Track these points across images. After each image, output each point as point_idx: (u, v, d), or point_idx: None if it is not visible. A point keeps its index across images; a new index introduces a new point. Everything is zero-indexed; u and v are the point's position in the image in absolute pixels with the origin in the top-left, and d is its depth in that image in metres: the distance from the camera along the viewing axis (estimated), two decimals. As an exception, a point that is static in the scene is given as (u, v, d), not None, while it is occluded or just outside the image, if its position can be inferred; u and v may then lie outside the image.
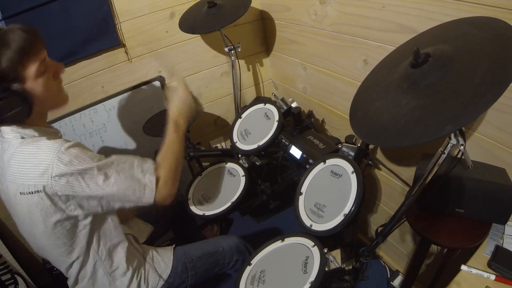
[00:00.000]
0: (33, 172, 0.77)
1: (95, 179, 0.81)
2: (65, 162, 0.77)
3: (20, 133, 0.81)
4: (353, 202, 0.91)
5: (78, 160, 0.79)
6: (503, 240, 0.84)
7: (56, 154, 0.77)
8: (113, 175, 0.84)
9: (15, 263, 1.46)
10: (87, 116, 1.52)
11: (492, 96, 0.52)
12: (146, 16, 1.51)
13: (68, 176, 0.78)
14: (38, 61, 0.78)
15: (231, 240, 1.19)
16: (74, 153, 0.79)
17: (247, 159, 1.43)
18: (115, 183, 0.84)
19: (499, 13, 0.77)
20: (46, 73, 0.81)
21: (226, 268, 1.18)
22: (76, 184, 0.79)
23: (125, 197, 0.87)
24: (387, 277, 1.54)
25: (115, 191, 0.84)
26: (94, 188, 0.81)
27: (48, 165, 0.76)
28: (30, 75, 0.78)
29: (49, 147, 0.78)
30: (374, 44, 1.15)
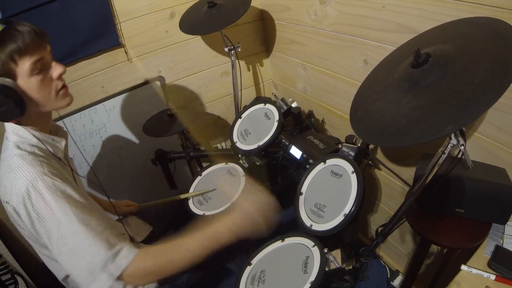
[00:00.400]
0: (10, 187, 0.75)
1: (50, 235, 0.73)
2: (32, 198, 0.72)
3: (19, 137, 0.79)
4: (353, 202, 0.91)
5: (43, 204, 0.73)
6: (503, 240, 0.84)
7: (27, 186, 0.72)
8: (69, 244, 0.73)
9: (15, 263, 1.46)
10: (87, 116, 1.51)
11: (492, 96, 0.52)
12: (146, 16, 1.51)
13: (31, 214, 0.73)
14: (32, 59, 0.74)
15: None
16: (44, 195, 0.73)
17: (247, 159, 1.43)
18: (68, 252, 0.74)
19: (499, 13, 0.78)
20: (43, 72, 0.78)
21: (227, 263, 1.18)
22: (36, 225, 0.74)
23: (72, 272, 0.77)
24: (387, 277, 1.53)
25: (62, 260, 0.75)
26: (47, 241, 0.74)
27: (19, 190, 0.73)
28: (23, 73, 0.74)
29: (26, 175, 0.74)
30: (374, 44, 1.15)
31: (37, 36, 0.75)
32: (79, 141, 1.53)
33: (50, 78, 0.80)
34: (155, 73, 1.64)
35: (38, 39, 0.76)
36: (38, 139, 0.82)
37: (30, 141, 0.80)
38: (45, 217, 0.73)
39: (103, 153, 1.60)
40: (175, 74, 1.70)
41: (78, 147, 1.35)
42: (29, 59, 0.74)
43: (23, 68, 0.74)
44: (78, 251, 0.74)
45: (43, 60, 0.77)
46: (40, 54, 0.76)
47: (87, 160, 1.27)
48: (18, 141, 0.79)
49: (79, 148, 1.36)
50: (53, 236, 0.73)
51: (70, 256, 0.74)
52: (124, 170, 1.68)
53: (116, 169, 1.66)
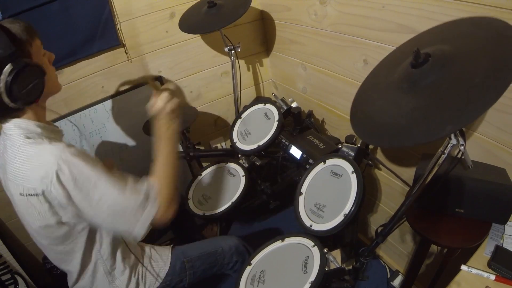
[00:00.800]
0: (33, 175, 0.76)
1: (90, 197, 0.78)
2: (64, 171, 0.75)
3: (23, 129, 0.80)
4: (353, 202, 0.91)
5: (77, 171, 0.77)
6: (503, 240, 0.84)
7: (56, 161, 0.75)
8: (108, 201, 0.80)
9: (15, 263, 1.46)
10: (87, 116, 1.52)
11: (492, 96, 0.52)
12: (146, 16, 1.51)
13: (66, 186, 0.76)
14: (39, 43, 0.82)
15: (231, 241, 1.19)
16: (75, 162, 0.77)
17: (247, 159, 1.43)
18: (107, 210, 0.80)
19: (499, 13, 0.77)
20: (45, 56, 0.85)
21: (225, 269, 1.18)
22: (73, 195, 0.77)
23: (115, 226, 0.85)
24: (387, 277, 1.54)
25: (104, 218, 0.82)
26: (88, 204, 0.79)
27: (48, 170, 0.75)
28: (36, 53, 0.80)
29: (51, 152, 0.77)
30: (374, 44, 1.15)
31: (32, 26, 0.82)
32: (79, 141, 1.53)
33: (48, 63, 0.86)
34: (155, 73, 1.64)
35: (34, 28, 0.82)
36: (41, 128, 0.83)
37: (35, 131, 0.81)
38: (82, 182, 0.77)
39: (103, 153, 1.61)
40: (175, 74, 1.70)
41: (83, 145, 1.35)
42: (38, 41, 0.81)
43: (36, 48, 0.80)
44: (120, 202, 0.80)
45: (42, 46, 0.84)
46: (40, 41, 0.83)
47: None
48: (24, 133, 0.80)
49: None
50: (94, 197, 0.78)
51: (113, 209, 0.80)
52: (124, 170, 1.67)
53: (116, 169, 1.66)
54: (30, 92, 0.76)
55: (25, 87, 0.75)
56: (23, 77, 0.74)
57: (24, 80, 0.74)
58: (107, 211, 0.80)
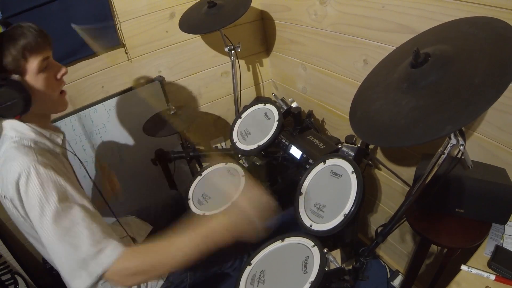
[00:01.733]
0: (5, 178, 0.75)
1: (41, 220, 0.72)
2: (23, 185, 0.72)
3: (18, 132, 0.80)
4: (353, 202, 0.91)
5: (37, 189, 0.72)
6: (503, 240, 0.84)
7: (22, 170, 0.72)
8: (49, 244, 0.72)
9: (15, 263, 1.46)
10: (87, 116, 1.52)
11: (492, 96, 0.52)
12: (146, 16, 1.51)
13: (21, 197, 0.74)
14: (40, 57, 0.79)
15: None
16: (34, 182, 0.72)
17: (247, 159, 1.43)
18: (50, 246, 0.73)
19: (499, 13, 0.77)
20: (47, 70, 0.82)
21: (224, 268, 1.18)
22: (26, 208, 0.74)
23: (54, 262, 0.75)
24: (387, 277, 1.53)
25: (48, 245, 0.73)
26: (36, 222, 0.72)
27: (13, 177, 0.73)
28: (31, 69, 0.78)
29: (21, 161, 0.74)
30: (374, 44, 1.15)
31: (44, 35, 0.80)
32: (79, 141, 1.53)
33: (54, 78, 0.84)
34: (155, 73, 1.64)
35: (45, 38, 0.80)
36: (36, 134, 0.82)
37: (28, 136, 0.81)
38: (33, 205, 0.72)
39: (103, 153, 1.60)
40: (175, 74, 1.70)
41: (74, 153, 1.35)
42: (38, 56, 0.78)
43: (32, 65, 0.78)
44: (60, 245, 0.72)
45: (48, 59, 0.82)
46: (47, 53, 0.81)
47: (91, 157, 1.27)
48: (16, 136, 0.80)
49: (75, 154, 1.36)
50: (41, 224, 0.72)
51: (54, 249, 0.73)
52: (124, 170, 1.68)
53: (116, 169, 1.66)
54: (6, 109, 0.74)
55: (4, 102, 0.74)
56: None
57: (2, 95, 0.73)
58: (50, 246, 0.72)
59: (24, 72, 0.77)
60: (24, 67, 0.77)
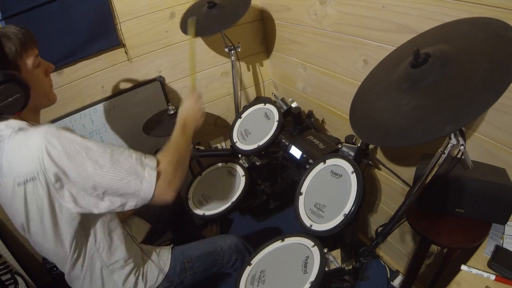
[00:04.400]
0: (25, 158, 0.75)
1: (85, 166, 0.77)
2: (54, 144, 0.74)
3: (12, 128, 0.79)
4: (353, 202, 0.91)
5: (67, 142, 0.76)
6: (503, 240, 0.84)
7: (44, 138, 0.74)
8: (106, 164, 0.78)
9: (15, 263, 1.46)
10: (87, 116, 1.52)
11: (492, 96, 0.52)
12: (146, 16, 1.51)
13: (58, 160, 0.75)
14: (33, 55, 0.83)
15: (230, 240, 1.19)
16: (63, 134, 0.77)
17: (247, 159, 1.43)
18: (108, 172, 0.78)
19: (499, 13, 0.77)
20: (39, 67, 0.86)
21: (225, 268, 1.18)
22: (67, 168, 0.76)
23: (120, 190, 0.81)
24: (387, 277, 1.54)
25: (107, 181, 0.79)
26: (84, 175, 0.77)
27: (38, 149, 0.74)
28: (27, 66, 0.82)
29: (37, 132, 0.76)
30: (374, 44, 1.15)
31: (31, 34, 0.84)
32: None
33: (43, 74, 0.88)
34: (155, 73, 1.64)
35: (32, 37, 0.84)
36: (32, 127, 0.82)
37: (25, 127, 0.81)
38: (74, 151, 0.76)
39: (103, 153, 1.60)
40: (175, 74, 1.70)
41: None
42: (32, 53, 0.82)
43: (28, 61, 0.82)
44: (116, 162, 0.80)
45: (38, 56, 0.86)
46: (36, 51, 0.85)
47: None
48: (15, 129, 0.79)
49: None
50: (89, 164, 0.77)
51: (112, 171, 0.79)
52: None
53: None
54: (9, 105, 0.76)
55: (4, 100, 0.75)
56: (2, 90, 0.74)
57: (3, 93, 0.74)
58: (107, 172, 0.78)
59: (21, 68, 0.80)
60: (20, 63, 0.80)
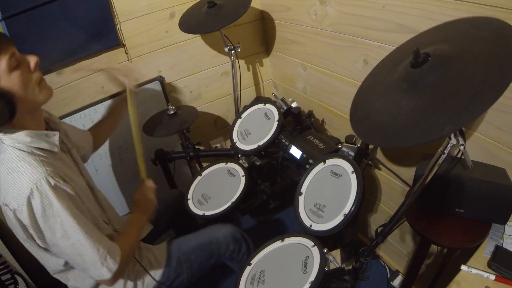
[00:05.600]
0: (11, 189, 0.76)
1: (54, 230, 0.79)
2: (36, 199, 0.75)
3: (13, 139, 0.79)
4: (353, 202, 0.91)
5: (48, 202, 0.76)
6: (503, 240, 0.84)
7: (31, 187, 0.75)
8: (72, 238, 0.80)
9: (15, 263, 1.46)
10: (87, 116, 1.51)
11: (492, 96, 0.52)
12: (146, 16, 1.51)
13: (35, 213, 0.76)
14: (7, 55, 0.75)
15: (226, 229, 1.19)
16: (48, 195, 0.76)
17: (247, 159, 1.43)
18: (71, 248, 0.81)
19: (499, 13, 0.77)
20: (20, 67, 0.78)
21: (223, 258, 1.18)
22: (40, 223, 0.78)
23: (74, 263, 0.86)
24: (387, 277, 1.54)
25: (68, 254, 0.83)
26: (50, 237, 0.80)
27: (21, 192, 0.75)
28: (2, 71, 0.75)
29: (30, 176, 0.76)
30: (374, 44, 1.15)
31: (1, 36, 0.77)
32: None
33: (28, 71, 0.80)
34: (155, 73, 1.64)
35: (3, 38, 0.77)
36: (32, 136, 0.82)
37: (25, 141, 0.80)
38: (50, 216, 0.77)
39: (103, 153, 1.60)
40: (175, 74, 1.70)
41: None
42: (4, 56, 0.74)
43: (1, 67, 0.74)
44: (82, 246, 0.81)
45: (15, 55, 0.78)
46: (11, 50, 0.76)
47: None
48: (14, 143, 0.79)
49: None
50: (57, 233, 0.79)
51: (75, 250, 0.81)
52: (124, 170, 1.67)
53: (116, 169, 1.66)
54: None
55: None
56: None
57: None
58: (69, 249, 0.81)
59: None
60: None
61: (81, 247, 0.81)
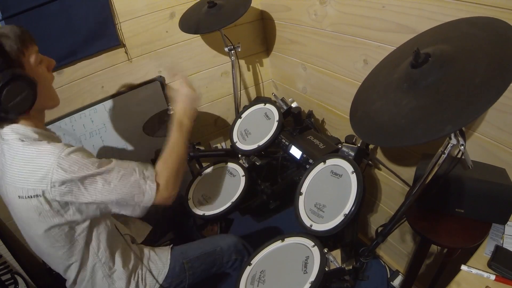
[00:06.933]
0: (32, 176, 0.76)
1: (95, 185, 0.81)
2: (65, 168, 0.76)
3: (20, 134, 0.80)
4: (353, 202, 0.91)
5: (78, 166, 0.78)
6: (503, 240, 0.84)
7: (56, 160, 0.76)
8: (113, 181, 0.84)
9: (15, 263, 1.46)
10: (87, 116, 1.52)
11: (492, 96, 0.52)
12: (146, 16, 1.51)
13: (68, 183, 0.77)
14: (34, 52, 0.81)
15: (230, 239, 1.19)
16: (75, 159, 0.79)
17: (247, 159, 1.43)
18: (115, 189, 0.84)
19: (499, 13, 0.77)
20: (42, 64, 0.84)
21: (224, 268, 1.18)
22: (76, 190, 0.79)
23: (124, 202, 0.87)
24: (387, 277, 1.54)
25: (114, 197, 0.84)
26: (93, 194, 0.82)
27: (48, 170, 0.75)
28: (31, 63, 0.80)
29: (50, 152, 0.77)
30: (374, 44, 1.15)
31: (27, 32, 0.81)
32: (80, 141, 1.53)
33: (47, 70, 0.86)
34: (155, 73, 1.64)
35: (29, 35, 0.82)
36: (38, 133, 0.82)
37: (32, 136, 0.81)
38: (84, 173, 0.79)
39: (103, 153, 1.60)
40: (175, 74, 1.70)
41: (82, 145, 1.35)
42: (33, 50, 0.81)
43: (30, 59, 0.80)
44: (122, 179, 0.85)
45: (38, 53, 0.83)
46: (37, 47, 0.83)
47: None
48: (20, 137, 0.80)
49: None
50: (98, 183, 0.82)
51: (118, 188, 0.84)
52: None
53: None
54: (19, 104, 0.75)
55: (13, 99, 0.74)
56: (10, 89, 0.73)
57: (12, 92, 0.73)
58: (115, 188, 0.84)
59: (25, 66, 0.79)
60: (23, 61, 0.78)
61: (121, 182, 0.85)
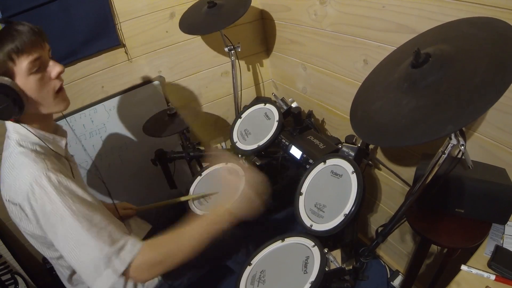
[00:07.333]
0: (14, 184, 0.75)
1: (55, 230, 0.73)
2: (36, 195, 0.72)
3: (21, 135, 0.79)
4: (353, 202, 0.91)
5: (48, 199, 0.73)
6: (503, 240, 0.84)
7: (30, 182, 0.73)
8: (71, 240, 0.73)
9: (15, 263, 1.46)
10: (87, 116, 1.52)
11: (492, 96, 0.52)
12: (146, 16, 1.51)
13: (35, 209, 0.74)
14: (31, 58, 0.74)
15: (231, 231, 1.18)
16: (48, 191, 0.73)
17: (247, 159, 1.43)
18: (71, 249, 0.74)
19: (499, 13, 0.78)
20: (40, 71, 0.77)
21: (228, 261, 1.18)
22: (41, 221, 0.75)
23: (76, 270, 0.76)
24: (387, 277, 1.54)
25: (65, 254, 0.75)
26: (52, 235, 0.75)
27: (22, 187, 0.73)
28: (21, 71, 0.74)
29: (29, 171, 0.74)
30: (374, 44, 1.15)
31: (35, 35, 0.76)
32: (80, 141, 1.53)
33: (48, 77, 0.80)
34: (155, 73, 1.64)
35: (37, 38, 0.76)
36: (39, 137, 0.82)
37: (31, 139, 0.81)
38: (49, 213, 0.73)
39: (103, 153, 1.61)
40: (175, 74, 1.70)
41: (82, 144, 1.35)
42: (27, 58, 0.74)
43: (21, 67, 0.74)
44: (82, 246, 0.73)
45: (41, 59, 0.77)
46: (38, 53, 0.76)
47: (91, 157, 1.26)
48: (20, 139, 0.79)
49: (83, 145, 1.37)
50: (59, 232, 0.74)
51: (75, 252, 0.74)
52: (124, 170, 1.68)
53: (116, 169, 1.66)
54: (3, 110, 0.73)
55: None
56: None
57: None
58: (70, 250, 0.74)
59: (14, 74, 0.74)
60: (13, 69, 0.73)
61: (81, 248, 0.73)
